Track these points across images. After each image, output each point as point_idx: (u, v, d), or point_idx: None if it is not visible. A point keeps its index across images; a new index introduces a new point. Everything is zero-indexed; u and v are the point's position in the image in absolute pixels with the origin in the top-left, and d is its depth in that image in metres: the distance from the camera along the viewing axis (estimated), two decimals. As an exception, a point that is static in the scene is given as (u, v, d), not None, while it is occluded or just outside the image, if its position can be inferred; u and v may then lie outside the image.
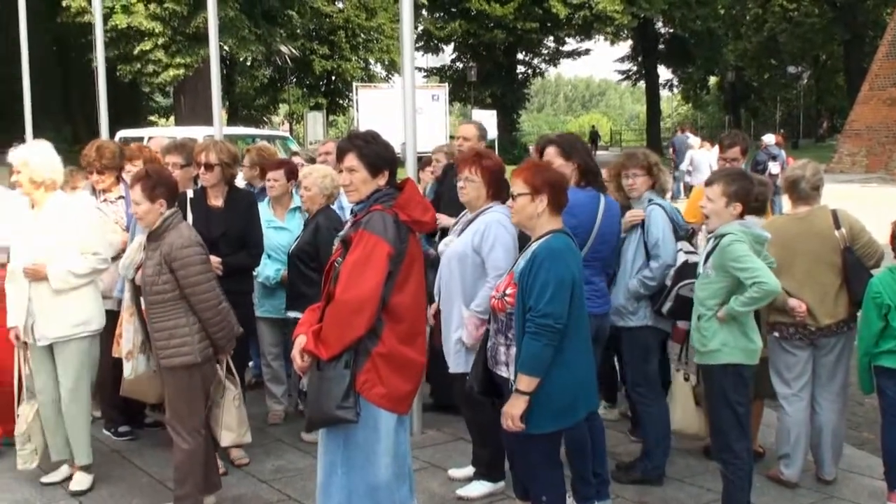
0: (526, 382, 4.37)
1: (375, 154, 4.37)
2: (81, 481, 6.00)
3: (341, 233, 4.53)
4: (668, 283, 5.79)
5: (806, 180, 5.78)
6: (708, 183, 5.26)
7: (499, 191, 5.64)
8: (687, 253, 5.89)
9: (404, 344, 4.30)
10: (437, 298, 5.70)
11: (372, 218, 4.27)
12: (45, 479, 6.09)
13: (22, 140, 7.28)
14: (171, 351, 5.23)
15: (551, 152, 5.62)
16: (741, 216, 5.11)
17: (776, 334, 5.79)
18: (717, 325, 5.05)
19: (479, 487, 5.80)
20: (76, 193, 7.11)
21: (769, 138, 20.80)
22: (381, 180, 4.38)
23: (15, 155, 5.94)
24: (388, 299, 4.23)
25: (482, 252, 5.48)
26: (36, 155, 5.88)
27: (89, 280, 5.94)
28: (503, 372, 4.67)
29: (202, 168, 6.35)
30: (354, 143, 4.42)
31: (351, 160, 4.37)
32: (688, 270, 5.73)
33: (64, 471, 6.12)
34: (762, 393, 6.00)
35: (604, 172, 6.04)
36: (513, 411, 4.40)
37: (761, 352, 5.24)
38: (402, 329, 4.29)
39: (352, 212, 4.55)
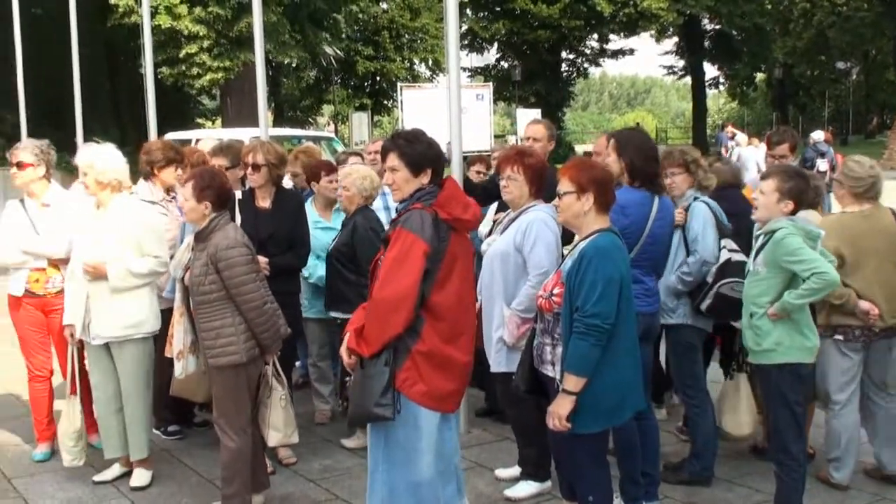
0: (573, 382, 4.35)
1: (417, 153, 4.40)
2: (141, 477, 6.09)
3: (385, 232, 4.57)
4: (710, 280, 5.75)
5: (881, 179, 5.72)
6: (764, 176, 5.21)
7: (541, 189, 5.62)
8: (731, 251, 5.83)
9: (446, 342, 4.31)
10: (478, 297, 5.69)
11: (410, 216, 4.30)
12: (96, 478, 6.17)
13: (74, 143, 7.40)
14: (218, 350, 5.28)
15: (603, 143, 5.58)
16: (792, 214, 5.05)
17: (839, 337, 5.66)
18: (772, 324, 4.98)
19: (527, 487, 5.79)
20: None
21: (818, 135, 20.54)
22: (424, 179, 4.40)
23: (81, 157, 6.07)
24: (428, 297, 4.25)
25: (524, 251, 5.47)
26: (101, 156, 5.99)
27: (147, 281, 6.03)
28: (549, 371, 4.65)
29: (250, 169, 6.41)
30: (396, 142, 4.46)
31: (393, 160, 4.42)
32: (730, 268, 5.68)
33: (116, 469, 6.20)
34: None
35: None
36: (559, 411, 4.38)
37: None
38: (444, 327, 4.30)
39: (396, 210, 4.59)
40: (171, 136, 16.59)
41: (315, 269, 7.01)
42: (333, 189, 7.26)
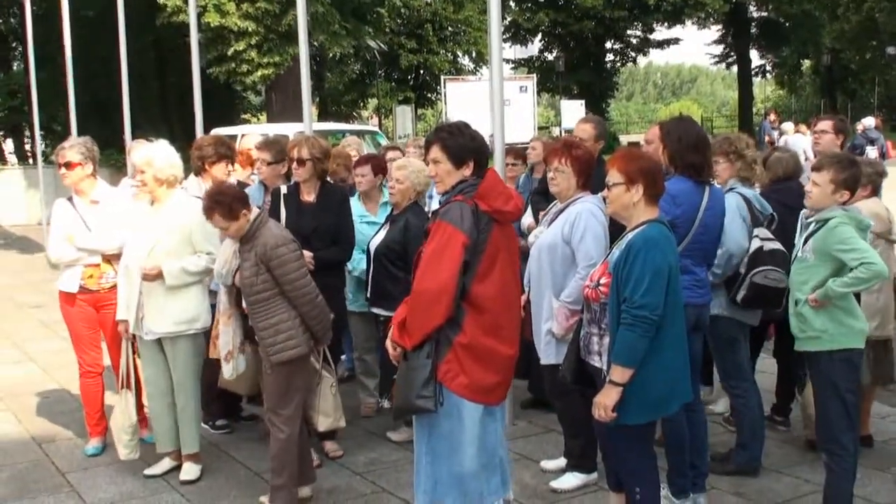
0: (620, 373, 4.33)
1: (459, 145, 4.41)
2: (190, 471, 6.17)
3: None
4: (742, 270, 5.69)
5: None
6: (817, 167, 5.11)
7: (588, 180, 5.60)
8: (763, 240, 5.77)
9: (488, 335, 4.32)
10: (526, 290, 5.69)
11: (450, 208, 4.33)
12: (147, 472, 6.26)
13: (122, 140, 7.49)
14: (280, 346, 5.33)
15: (654, 132, 5.56)
16: (846, 203, 4.99)
17: None
18: (818, 312, 4.93)
19: (572, 479, 5.79)
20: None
21: (868, 121, 20.23)
22: (466, 171, 4.42)
23: (138, 155, 6.16)
24: (470, 289, 4.27)
25: (572, 242, 5.46)
26: (159, 153, 6.08)
27: (201, 278, 6.11)
28: (596, 362, 4.64)
29: (295, 163, 6.44)
30: (439, 135, 4.49)
31: (435, 152, 4.44)
32: (762, 257, 5.63)
33: (166, 463, 6.29)
34: (880, 380, 5.83)
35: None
36: (605, 401, 4.37)
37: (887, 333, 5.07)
38: (486, 320, 4.31)
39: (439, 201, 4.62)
40: (216, 131, 16.78)
41: (359, 262, 7.04)
42: (358, 182, 7.33)
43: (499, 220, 4.37)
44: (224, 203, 5.33)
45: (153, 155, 6.05)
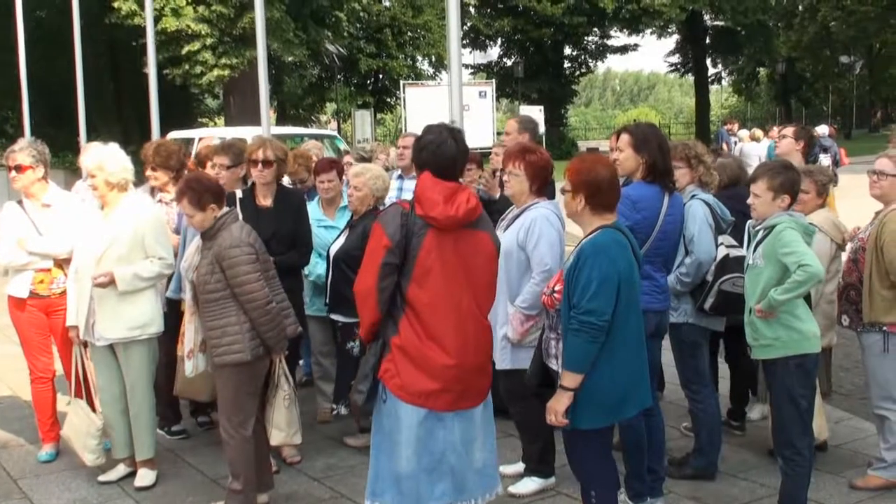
0: (569, 378, 4.34)
1: (417, 157, 4.47)
2: (145, 477, 6.10)
3: None
4: (710, 278, 5.74)
5: None
6: (752, 179, 5.22)
7: (543, 186, 5.61)
8: (729, 247, 5.82)
9: (423, 340, 4.30)
10: None
11: (386, 211, 4.45)
12: (102, 478, 6.17)
13: (77, 142, 7.41)
14: (223, 349, 5.29)
15: (624, 140, 5.50)
16: (788, 207, 5.06)
17: None
18: (769, 320, 4.99)
19: (531, 484, 5.80)
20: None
21: (822, 129, 20.52)
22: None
23: (89, 158, 6.06)
24: (405, 292, 4.30)
25: (527, 248, 5.47)
26: (110, 157, 6.00)
27: (153, 284, 6.04)
28: (554, 365, 4.62)
29: (259, 165, 6.37)
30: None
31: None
32: (729, 264, 5.67)
33: (121, 469, 6.21)
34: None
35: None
36: (556, 406, 4.38)
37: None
38: (422, 325, 4.31)
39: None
40: (173, 134, 16.66)
41: (315, 266, 7.00)
42: (325, 189, 7.26)
43: (434, 225, 4.29)
44: (196, 191, 5.33)
45: (104, 159, 5.97)
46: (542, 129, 39.00)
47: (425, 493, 4.40)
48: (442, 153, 4.37)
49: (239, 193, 6.51)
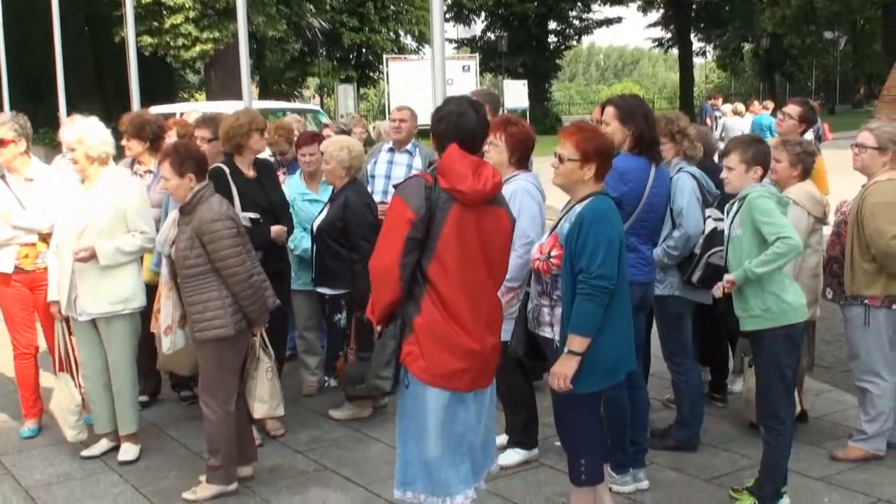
0: (578, 343, 4.33)
1: (435, 129, 4.30)
2: (129, 451, 6.10)
3: None
4: (698, 251, 5.75)
5: None
6: (724, 153, 5.24)
7: (523, 158, 5.60)
8: (716, 220, 5.84)
9: (446, 320, 4.11)
10: None
11: (407, 183, 4.17)
12: (85, 453, 6.17)
13: (57, 117, 7.34)
14: (206, 324, 5.28)
15: (610, 113, 5.48)
16: (761, 179, 5.10)
17: None
18: (755, 289, 5.00)
19: (514, 455, 5.82)
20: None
21: (805, 105, 20.46)
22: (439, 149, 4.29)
23: (68, 132, 6.01)
24: (426, 269, 4.09)
25: (509, 220, 5.46)
26: (90, 131, 5.95)
27: (135, 258, 6.01)
28: (547, 333, 4.63)
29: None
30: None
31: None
32: (717, 238, 5.69)
33: (104, 444, 6.20)
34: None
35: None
36: (565, 371, 4.36)
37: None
38: (445, 304, 4.11)
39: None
40: (154, 109, 16.54)
41: (301, 240, 6.99)
42: (307, 162, 7.24)
43: (460, 200, 4.11)
44: (180, 155, 5.33)
45: (84, 132, 5.92)
46: (525, 104, 39.12)
47: (452, 477, 4.25)
48: (462, 125, 4.22)
49: (224, 168, 6.41)
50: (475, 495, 4.35)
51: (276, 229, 6.34)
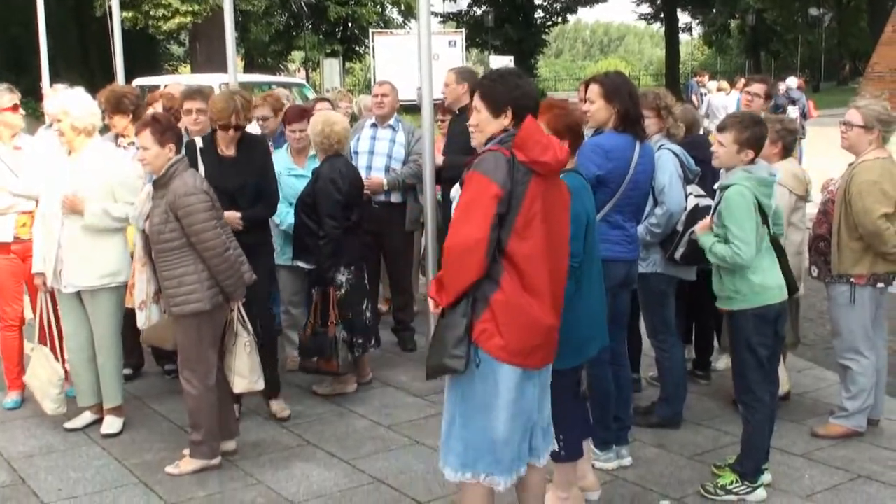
0: None
1: (497, 93, 4.11)
2: (112, 424, 6.09)
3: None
4: (680, 228, 5.76)
5: None
6: (720, 128, 5.19)
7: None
8: (697, 196, 5.85)
9: (524, 295, 3.98)
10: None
11: (484, 158, 4.01)
12: (68, 425, 6.16)
13: (40, 88, 7.27)
14: (181, 299, 5.26)
15: (594, 91, 5.42)
16: (752, 162, 5.07)
17: (881, 285, 5.70)
18: (728, 271, 5.02)
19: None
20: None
21: (791, 81, 20.52)
22: (505, 120, 4.10)
23: (54, 103, 5.96)
24: (506, 245, 3.96)
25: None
26: (75, 101, 5.90)
27: (121, 226, 5.97)
28: None
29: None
30: (481, 81, 4.26)
31: (476, 99, 4.16)
32: (699, 214, 5.68)
33: (87, 417, 6.20)
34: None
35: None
36: None
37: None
38: (524, 280, 3.98)
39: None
40: (138, 81, 16.42)
41: (286, 216, 6.95)
42: (295, 138, 7.20)
43: (539, 171, 4.01)
44: (161, 124, 5.32)
45: (69, 103, 5.87)
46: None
47: (517, 455, 4.15)
48: (534, 97, 4.17)
49: (199, 142, 6.26)
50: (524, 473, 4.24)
51: (227, 215, 5.89)
